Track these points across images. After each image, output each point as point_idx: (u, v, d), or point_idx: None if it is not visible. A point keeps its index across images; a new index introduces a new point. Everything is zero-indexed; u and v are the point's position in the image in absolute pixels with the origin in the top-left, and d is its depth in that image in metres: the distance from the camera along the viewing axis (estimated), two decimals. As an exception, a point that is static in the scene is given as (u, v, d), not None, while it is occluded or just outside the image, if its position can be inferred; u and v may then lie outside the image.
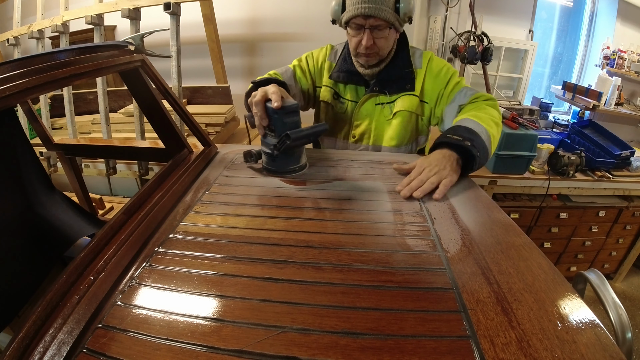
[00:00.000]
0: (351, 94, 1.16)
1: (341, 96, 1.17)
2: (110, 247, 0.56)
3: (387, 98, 1.11)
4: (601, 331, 0.42)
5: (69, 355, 0.39)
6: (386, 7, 0.95)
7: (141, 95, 0.91)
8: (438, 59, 1.13)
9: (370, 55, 1.04)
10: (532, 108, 2.44)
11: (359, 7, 0.95)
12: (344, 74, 1.14)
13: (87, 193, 1.32)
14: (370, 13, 0.95)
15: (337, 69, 1.16)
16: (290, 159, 0.87)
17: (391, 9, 0.96)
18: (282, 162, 0.87)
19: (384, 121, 1.12)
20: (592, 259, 2.16)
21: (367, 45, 1.00)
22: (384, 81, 1.10)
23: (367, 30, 0.99)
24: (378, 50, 1.03)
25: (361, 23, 0.98)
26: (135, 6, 1.85)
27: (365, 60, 1.07)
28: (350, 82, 1.15)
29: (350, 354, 0.39)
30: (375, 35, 1.00)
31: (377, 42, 1.01)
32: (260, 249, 0.57)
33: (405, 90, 1.10)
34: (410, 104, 1.09)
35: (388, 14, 0.96)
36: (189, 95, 2.39)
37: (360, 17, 0.97)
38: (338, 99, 1.18)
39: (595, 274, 0.58)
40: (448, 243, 0.59)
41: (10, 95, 0.51)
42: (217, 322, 0.43)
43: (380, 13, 0.95)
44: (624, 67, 2.49)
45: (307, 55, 1.22)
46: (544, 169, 1.85)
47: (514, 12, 2.55)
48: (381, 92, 1.11)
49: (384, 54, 1.06)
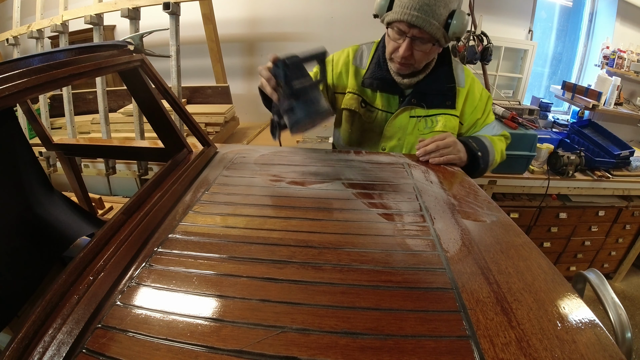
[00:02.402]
0: (383, 102, 1.07)
1: (370, 104, 1.09)
2: (109, 247, 0.56)
3: (424, 111, 1.05)
4: (601, 331, 0.42)
5: (69, 355, 0.39)
6: (436, 21, 0.87)
7: (140, 95, 0.91)
8: (477, 81, 1.09)
9: (405, 65, 0.97)
10: (532, 108, 2.43)
11: (407, 14, 0.87)
12: (377, 81, 1.05)
13: (87, 193, 1.32)
14: (417, 23, 0.87)
15: (369, 75, 1.07)
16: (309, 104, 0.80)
17: (441, 24, 0.88)
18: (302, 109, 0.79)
19: (418, 135, 1.06)
20: (591, 258, 2.16)
21: (403, 55, 0.93)
22: (422, 93, 1.04)
23: (408, 38, 0.91)
24: (414, 62, 0.96)
25: (404, 30, 0.90)
26: (135, 6, 1.85)
27: (397, 68, 1.00)
28: (384, 91, 1.07)
29: (350, 354, 0.39)
30: (415, 46, 0.92)
31: (415, 54, 0.94)
32: (259, 249, 0.57)
33: (445, 106, 1.04)
34: (452, 125, 1.05)
35: (435, 29, 0.88)
36: (188, 95, 2.38)
37: (404, 23, 0.89)
38: (366, 107, 1.09)
39: (595, 273, 0.58)
40: (448, 243, 0.59)
41: (9, 95, 0.51)
42: (216, 322, 0.43)
43: (427, 26, 0.87)
44: (623, 66, 2.49)
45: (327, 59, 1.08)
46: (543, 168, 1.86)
47: (514, 11, 2.55)
48: (418, 104, 1.04)
49: (419, 66, 0.99)
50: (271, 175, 0.86)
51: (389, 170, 0.90)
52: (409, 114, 1.06)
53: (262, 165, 0.93)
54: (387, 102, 1.08)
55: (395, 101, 1.07)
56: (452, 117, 1.05)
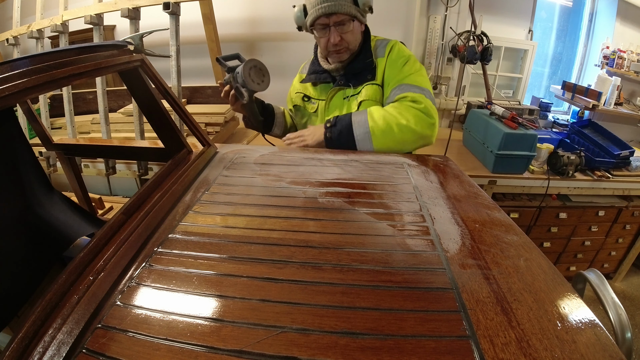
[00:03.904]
0: (320, 93, 1.20)
1: (310, 97, 1.23)
2: (109, 247, 0.56)
3: (352, 91, 1.13)
4: (601, 331, 0.42)
5: (69, 355, 0.39)
6: (345, 1, 0.99)
7: (140, 95, 0.91)
8: (401, 49, 1.13)
9: (341, 51, 1.07)
10: (532, 108, 2.44)
11: (320, 8, 0.99)
12: (312, 75, 1.19)
13: (87, 193, 1.32)
14: (332, 10, 0.98)
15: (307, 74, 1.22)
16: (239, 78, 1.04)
17: (350, 2, 1.00)
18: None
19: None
20: (591, 258, 2.16)
21: (335, 42, 1.04)
22: (348, 75, 1.13)
23: (332, 27, 1.02)
24: (347, 44, 1.06)
25: (325, 22, 1.02)
26: (135, 6, 1.85)
27: (338, 57, 1.10)
28: (320, 81, 1.19)
29: (350, 354, 0.39)
30: (341, 30, 1.03)
31: (344, 37, 1.04)
32: (259, 248, 0.57)
33: (367, 80, 1.12)
34: (373, 92, 1.11)
35: (349, 8, 0.99)
36: (188, 95, 2.38)
37: (322, 16, 1.01)
38: (309, 100, 1.23)
39: (595, 273, 0.58)
40: (448, 243, 0.59)
41: (9, 95, 0.51)
42: (216, 322, 0.43)
43: (341, 8, 0.99)
44: (623, 66, 2.49)
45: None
46: (543, 168, 1.86)
47: (514, 11, 2.55)
48: (346, 85, 1.13)
49: (354, 47, 1.09)
50: (271, 175, 0.86)
51: (388, 170, 0.90)
52: (342, 96, 1.15)
53: (262, 165, 0.93)
54: (324, 91, 1.20)
55: (330, 88, 1.18)
56: (372, 86, 1.12)
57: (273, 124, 1.33)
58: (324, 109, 1.19)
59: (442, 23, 2.36)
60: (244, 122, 1.25)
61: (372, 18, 1.12)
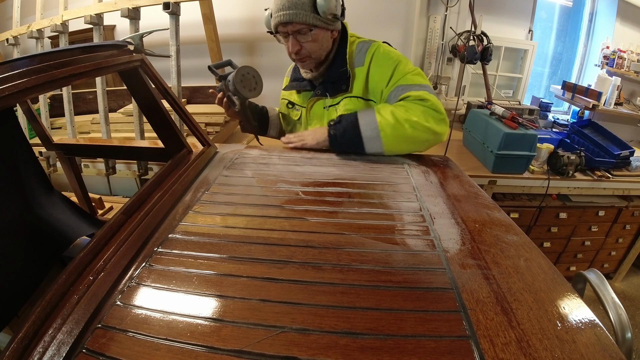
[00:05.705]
0: (302, 100, 1.18)
1: (294, 104, 1.21)
2: (109, 247, 0.56)
3: (331, 100, 1.09)
4: (601, 331, 0.42)
5: (69, 355, 0.39)
6: (302, 10, 0.93)
7: (140, 95, 0.91)
8: (386, 51, 1.05)
9: (304, 59, 1.03)
10: (532, 108, 2.44)
11: (277, 17, 0.96)
12: (294, 82, 1.17)
13: (87, 193, 1.32)
14: (287, 20, 0.94)
15: (290, 80, 1.20)
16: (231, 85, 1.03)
17: (309, 10, 0.94)
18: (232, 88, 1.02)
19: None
20: (591, 258, 2.16)
21: (293, 51, 1.00)
22: (325, 84, 1.08)
23: (290, 36, 0.98)
24: (309, 53, 1.01)
25: (284, 30, 0.98)
26: (135, 6, 1.85)
27: (302, 66, 1.08)
28: (301, 89, 1.16)
29: (350, 354, 0.39)
30: (300, 39, 0.99)
31: (304, 46, 1.00)
32: (259, 249, 0.57)
33: (342, 90, 1.06)
34: (352, 107, 1.05)
35: (306, 17, 0.94)
36: (188, 94, 2.38)
37: (280, 25, 0.97)
38: (293, 107, 1.22)
39: (595, 273, 0.58)
40: (448, 243, 0.59)
41: (9, 95, 0.51)
42: (216, 322, 0.43)
43: (296, 17, 0.94)
44: (623, 66, 2.49)
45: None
46: (543, 168, 1.85)
47: (514, 11, 2.55)
48: (323, 94, 1.09)
49: (318, 56, 1.03)
50: (271, 175, 0.86)
51: (388, 170, 0.90)
52: (322, 105, 1.13)
53: (262, 165, 0.93)
54: (305, 99, 1.17)
55: (309, 96, 1.15)
56: (351, 99, 1.06)
57: (268, 127, 1.32)
58: (306, 117, 1.18)
59: (442, 23, 2.36)
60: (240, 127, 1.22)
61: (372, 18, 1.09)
